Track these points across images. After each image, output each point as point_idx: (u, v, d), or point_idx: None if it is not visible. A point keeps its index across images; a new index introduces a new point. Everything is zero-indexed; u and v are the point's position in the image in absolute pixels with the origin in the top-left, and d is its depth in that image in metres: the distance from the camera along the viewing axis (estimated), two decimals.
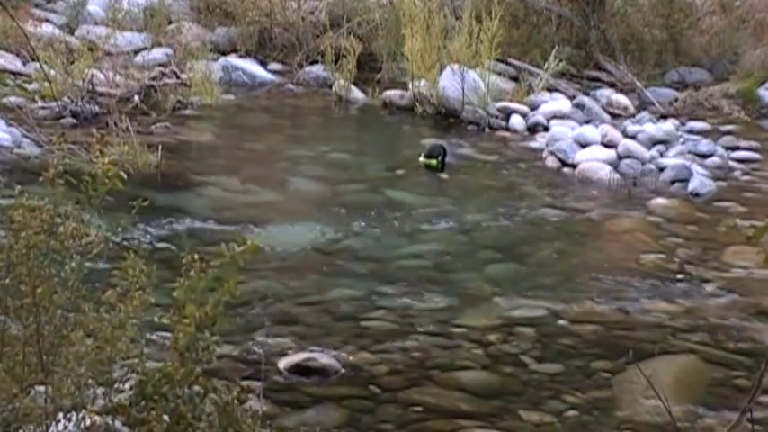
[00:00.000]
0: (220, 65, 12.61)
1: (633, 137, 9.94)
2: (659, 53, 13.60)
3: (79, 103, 10.23)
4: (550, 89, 11.95)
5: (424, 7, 11.91)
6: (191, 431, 3.28)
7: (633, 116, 11.25)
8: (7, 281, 3.37)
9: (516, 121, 11.01)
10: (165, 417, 3.28)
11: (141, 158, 8.66)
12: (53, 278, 3.42)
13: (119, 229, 3.59)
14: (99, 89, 10.61)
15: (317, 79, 12.81)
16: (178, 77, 11.48)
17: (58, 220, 3.46)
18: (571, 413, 5.00)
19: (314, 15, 13.81)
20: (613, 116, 11.26)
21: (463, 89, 11.01)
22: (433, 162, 9.65)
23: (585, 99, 11.51)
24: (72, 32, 13.29)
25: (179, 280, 3.39)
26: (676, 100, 12.23)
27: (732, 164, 9.84)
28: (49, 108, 10.23)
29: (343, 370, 5.31)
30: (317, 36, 13.40)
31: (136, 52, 12.96)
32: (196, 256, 3.40)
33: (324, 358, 5.34)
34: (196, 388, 3.33)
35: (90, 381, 3.41)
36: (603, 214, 8.38)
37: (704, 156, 9.79)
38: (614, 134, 9.78)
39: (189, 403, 3.28)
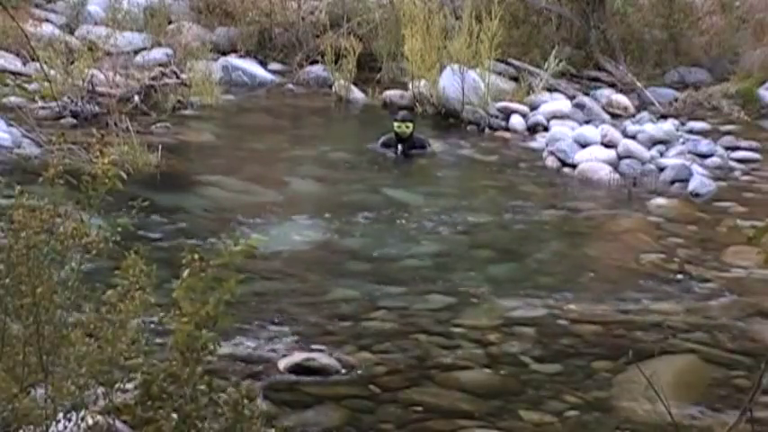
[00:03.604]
0: (220, 65, 12.63)
1: (633, 137, 9.94)
2: (659, 53, 13.62)
3: (79, 103, 10.24)
4: (550, 89, 11.95)
5: (424, 7, 11.91)
6: (194, 431, 3.28)
7: (633, 116, 11.25)
8: (7, 281, 3.36)
9: (516, 121, 11.01)
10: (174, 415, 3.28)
11: (141, 158, 8.66)
12: (53, 278, 3.42)
13: (119, 229, 3.58)
14: (99, 89, 10.61)
15: (317, 79, 12.82)
16: (178, 77, 11.48)
17: (58, 220, 3.46)
18: (571, 413, 4.99)
19: (314, 15, 13.82)
20: (613, 116, 11.27)
21: (463, 89, 11.01)
22: (410, 125, 9.81)
23: (585, 99, 11.52)
24: (72, 32, 13.31)
25: (177, 280, 3.39)
26: (676, 100, 12.23)
27: (732, 164, 9.84)
28: (49, 108, 10.24)
29: (343, 370, 5.30)
30: (317, 36, 13.41)
31: (136, 52, 12.97)
32: (196, 256, 3.40)
33: (324, 358, 5.34)
34: (201, 387, 3.33)
35: (90, 381, 3.41)
36: (603, 214, 8.38)
37: (704, 156, 9.78)
38: (614, 134, 9.78)
39: (193, 402, 3.28)
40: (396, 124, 9.88)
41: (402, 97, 11.80)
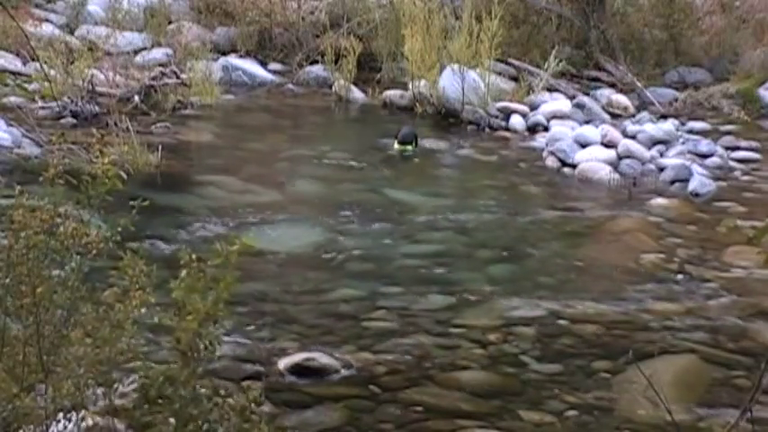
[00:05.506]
0: (220, 65, 12.63)
1: (633, 137, 9.94)
2: (659, 53, 13.62)
3: (79, 103, 10.24)
4: (550, 89, 11.96)
5: (424, 7, 11.92)
6: None
7: (633, 116, 11.26)
8: (7, 281, 3.36)
9: (516, 121, 11.01)
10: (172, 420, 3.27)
11: (141, 158, 8.66)
12: (53, 278, 3.42)
13: (119, 229, 3.58)
14: (99, 89, 10.61)
15: (317, 79, 12.83)
16: (178, 77, 11.48)
17: (58, 220, 3.46)
18: (571, 413, 4.99)
19: (314, 15, 13.83)
20: (613, 116, 11.27)
21: (463, 89, 11.01)
22: (408, 147, 9.89)
23: (585, 99, 11.52)
24: (72, 32, 13.31)
25: (175, 280, 3.39)
26: (676, 100, 12.24)
27: (732, 164, 9.84)
28: (49, 108, 10.24)
29: (342, 370, 5.30)
30: (317, 36, 13.42)
31: (136, 52, 12.98)
32: (194, 256, 3.40)
33: (324, 358, 5.34)
34: (203, 390, 3.32)
35: (90, 381, 3.41)
36: (603, 214, 8.37)
37: (704, 156, 9.78)
38: (614, 134, 9.78)
39: (193, 405, 3.27)
40: (397, 147, 9.90)
41: (402, 97, 11.80)
